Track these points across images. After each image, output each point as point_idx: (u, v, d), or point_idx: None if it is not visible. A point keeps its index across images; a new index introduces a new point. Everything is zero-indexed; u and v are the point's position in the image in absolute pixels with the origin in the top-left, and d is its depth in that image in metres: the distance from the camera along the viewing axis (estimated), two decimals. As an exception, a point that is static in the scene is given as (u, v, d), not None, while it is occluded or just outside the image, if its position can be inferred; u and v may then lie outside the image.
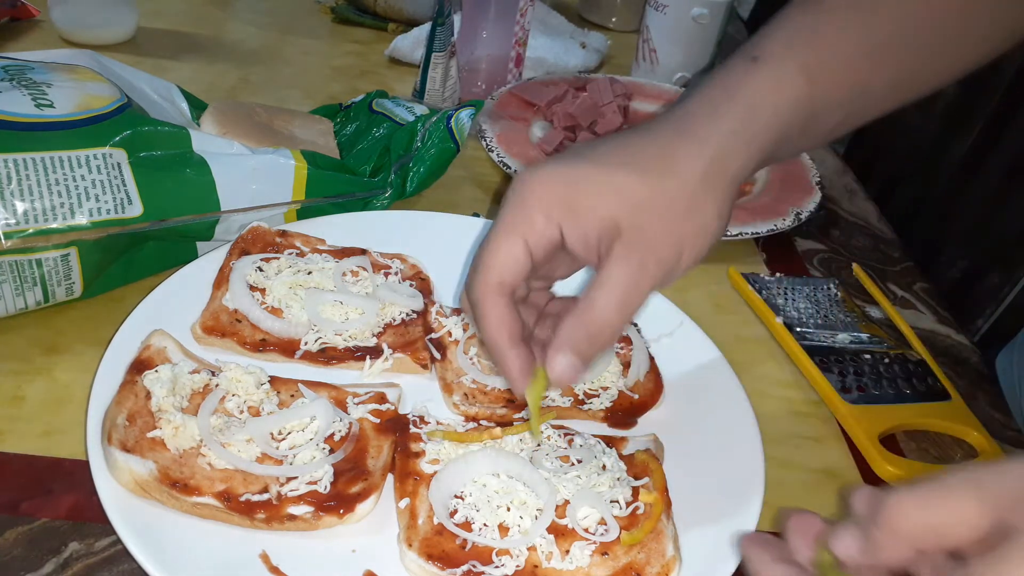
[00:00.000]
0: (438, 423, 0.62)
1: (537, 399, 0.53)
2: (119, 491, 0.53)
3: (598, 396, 0.66)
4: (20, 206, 0.62)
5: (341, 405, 0.62)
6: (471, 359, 0.68)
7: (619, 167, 0.48)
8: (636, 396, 0.67)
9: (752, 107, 0.50)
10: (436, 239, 0.80)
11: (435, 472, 0.57)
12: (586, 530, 0.55)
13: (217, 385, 0.61)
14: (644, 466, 0.59)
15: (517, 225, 0.49)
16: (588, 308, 0.49)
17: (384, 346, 0.68)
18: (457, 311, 0.72)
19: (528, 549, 0.54)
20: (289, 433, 0.59)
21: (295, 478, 0.56)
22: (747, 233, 0.88)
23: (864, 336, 0.77)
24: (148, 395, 0.58)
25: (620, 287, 0.48)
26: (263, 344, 0.67)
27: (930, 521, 0.37)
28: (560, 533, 0.55)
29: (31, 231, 0.62)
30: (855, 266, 0.90)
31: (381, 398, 0.63)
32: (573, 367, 0.50)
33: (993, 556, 0.35)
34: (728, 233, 0.87)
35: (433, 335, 0.70)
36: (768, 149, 0.51)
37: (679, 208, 0.48)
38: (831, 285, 0.83)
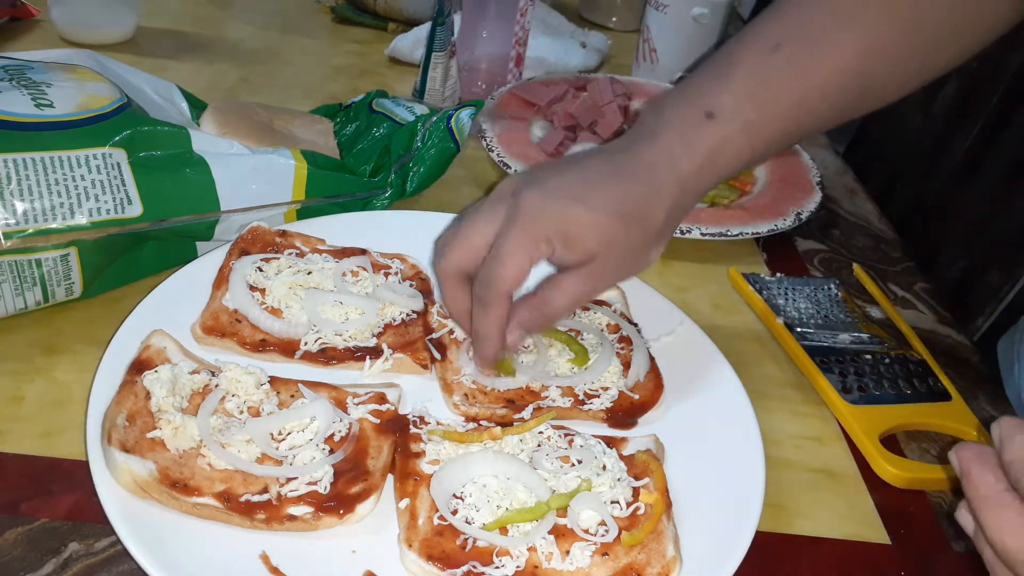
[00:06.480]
0: (438, 423, 0.62)
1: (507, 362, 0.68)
2: (119, 491, 0.53)
3: (598, 396, 0.66)
4: (20, 206, 0.62)
5: (341, 405, 0.62)
6: (471, 359, 0.68)
7: (605, 214, 0.61)
8: (636, 396, 0.67)
9: (703, 165, 0.63)
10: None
11: (435, 473, 0.57)
12: (586, 531, 0.55)
13: (217, 385, 0.61)
14: (644, 466, 0.59)
15: (526, 247, 0.60)
16: (544, 303, 0.63)
17: (384, 346, 0.68)
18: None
19: (528, 550, 0.54)
20: (289, 433, 0.59)
21: (295, 479, 0.55)
22: (747, 233, 0.88)
23: (865, 336, 0.77)
24: (148, 395, 0.58)
25: (573, 296, 0.63)
26: (263, 344, 0.67)
27: None
28: (560, 534, 0.55)
29: (31, 231, 0.62)
30: (855, 266, 0.90)
31: (381, 398, 0.63)
32: (523, 339, 0.65)
33: None
34: (728, 233, 0.87)
35: (433, 335, 0.70)
36: (708, 190, 0.66)
37: (638, 250, 0.64)
38: (831, 285, 0.83)
